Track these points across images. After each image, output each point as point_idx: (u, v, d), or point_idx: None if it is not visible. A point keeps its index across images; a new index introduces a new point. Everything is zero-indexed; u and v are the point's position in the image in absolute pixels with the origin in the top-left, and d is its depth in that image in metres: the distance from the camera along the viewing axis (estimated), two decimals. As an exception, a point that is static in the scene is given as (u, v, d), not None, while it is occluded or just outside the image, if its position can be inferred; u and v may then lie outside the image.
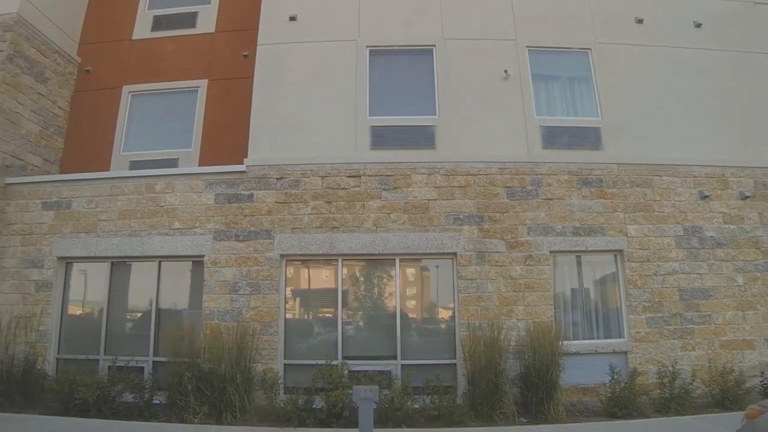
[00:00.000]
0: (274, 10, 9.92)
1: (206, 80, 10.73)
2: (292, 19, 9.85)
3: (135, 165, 10.17)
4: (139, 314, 8.81)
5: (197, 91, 10.69)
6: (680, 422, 6.22)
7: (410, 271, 8.82)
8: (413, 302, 8.73)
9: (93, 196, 9.12)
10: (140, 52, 11.23)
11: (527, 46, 9.78)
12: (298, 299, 8.72)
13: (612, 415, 7.17)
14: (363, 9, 9.83)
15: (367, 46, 9.68)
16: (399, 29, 9.73)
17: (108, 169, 10.21)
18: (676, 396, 7.28)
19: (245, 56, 10.43)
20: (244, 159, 8.93)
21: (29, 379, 7.94)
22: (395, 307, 8.37)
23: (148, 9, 11.55)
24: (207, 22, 11.22)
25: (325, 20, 9.82)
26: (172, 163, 10.04)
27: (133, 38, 11.38)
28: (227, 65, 10.75)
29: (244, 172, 8.85)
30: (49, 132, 10.50)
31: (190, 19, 11.27)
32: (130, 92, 10.91)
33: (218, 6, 11.33)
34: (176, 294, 8.86)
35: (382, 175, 8.72)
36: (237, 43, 10.79)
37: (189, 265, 8.86)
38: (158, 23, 11.36)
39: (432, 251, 8.46)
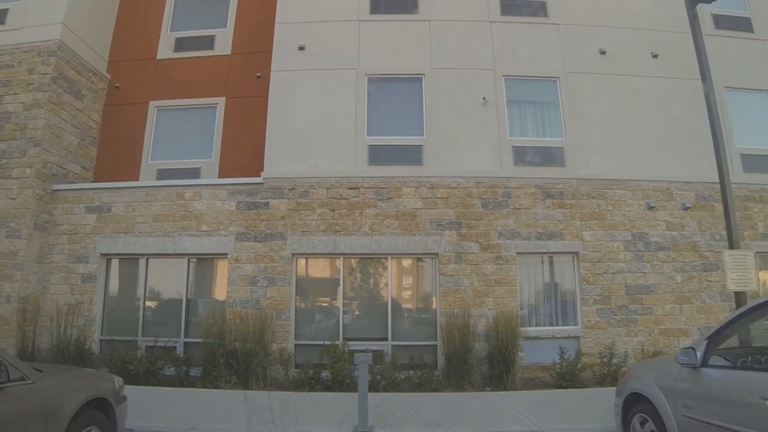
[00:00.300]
0: (285, 40, 11.64)
1: (224, 98, 12.47)
2: (301, 48, 11.53)
3: (162, 173, 11.96)
4: (171, 303, 10.66)
5: (216, 107, 12.44)
6: (608, 390, 8.05)
7: (400, 268, 10.69)
8: (402, 294, 10.61)
9: (130, 201, 10.93)
10: (164, 70, 12.94)
11: (504, 75, 11.58)
12: (306, 290, 10.57)
13: (559, 386, 9.08)
14: (363, 41, 11.56)
15: (366, 75, 11.43)
16: (393, 59, 11.48)
17: (138, 176, 12.01)
18: (612, 372, 9.17)
19: (258, 77, 12.16)
20: (261, 172, 10.73)
21: (82, 355, 9.79)
22: (387, 297, 10.24)
23: (170, 31, 13.26)
24: (224, 44, 12.93)
25: (330, 50, 11.52)
26: (195, 172, 11.83)
27: (158, 57, 13.08)
28: (242, 84, 12.47)
29: (261, 183, 10.66)
30: (85, 143, 12.26)
31: (208, 42, 12.99)
32: (156, 107, 12.65)
33: (233, 30, 13.04)
34: (203, 286, 10.76)
35: (377, 188, 10.54)
36: (251, 65, 12.47)
37: (214, 261, 10.72)
38: (180, 44, 13.07)
39: (418, 252, 10.34)
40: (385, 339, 10.08)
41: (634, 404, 5.23)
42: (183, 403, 7.54)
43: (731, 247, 7.68)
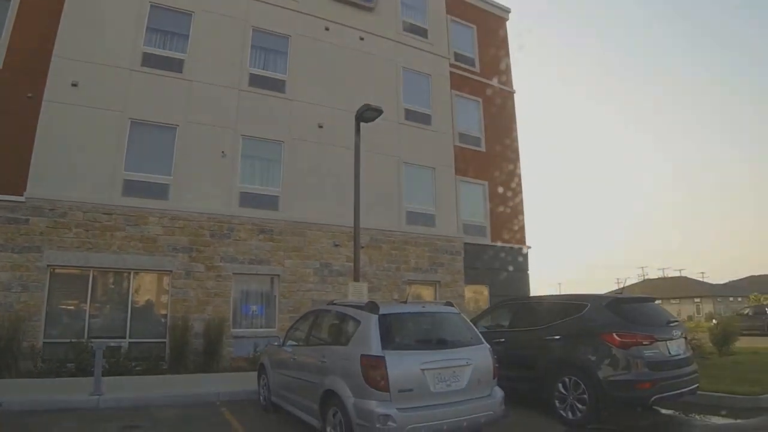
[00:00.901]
0: (60, 73, 13.39)
1: (-9, 116, 14.20)
2: (74, 85, 13.56)
3: None
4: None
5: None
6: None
7: (141, 281, 13.94)
8: (141, 301, 13.88)
9: None
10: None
11: (242, 135, 15.62)
12: (58, 297, 13.17)
13: (252, 370, 13.28)
14: (131, 89, 14.13)
15: (130, 119, 14.27)
16: (155, 109, 14.53)
17: None
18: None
19: (30, 97, 13.30)
20: (24, 192, 13.05)
21: None
22: (128, 304, 13.43)
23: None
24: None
25: (101, 91, 13.69)
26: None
27: None
28: (11, 102, 13.26)
29: (23, 201, 12.98)
30: None
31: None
32: None
33: (7, 44, 13.63)
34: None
35: (127, 215, 13.61)
36: (23, 83, 13.28)
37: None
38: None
39: (156, 268, 13.76)
40: (124, 337, 13.26)
41: (262, 371, 9.53)
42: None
43: (355, 280, 12.57)
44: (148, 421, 8.06)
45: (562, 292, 12.00)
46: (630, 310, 8.26)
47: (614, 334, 7.60)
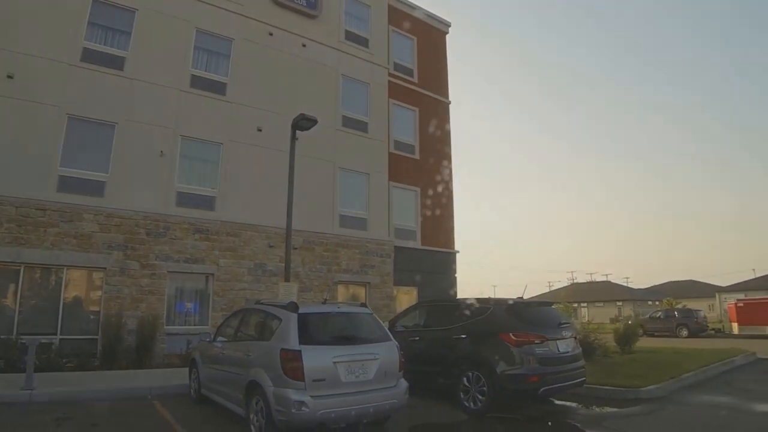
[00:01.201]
0: None
1: None
2: (10, 77, 13.52)
3: None
4: None
5: None
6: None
7: (75, 277, 14.14)
8: (74, 298, 14.05)
9: None
10: None
11: (181, 135, 16.02)
12: (-14, 290, 13.29)
13: (185, 366, 13.77)
14: (70, 84, 14.32)
15: (67, 114, 14.27)
16: (94, 106, 14.70)
17: None
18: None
19: None
20: (-48, 186, 13.09)
21: None
22: (60, 300, 13.59)
23: None
24: None
25: (38, 86, 13.78)
26: None
27: None
28: None
29: (-48, 195, 13.02)
30: None
31: None
32: None
33: None
34: None
35: (62, 211, 13.80)
36: None
37: None
38: None
39: (91, 265, 14.01)
40: (56, 334, 13.39)
41: (193, 365, 10.12)
42: None
43: (286, 280, 13.26)
44: (81, 414, 8.51)
45: (497, 296, 12.83)
46: (527, 313, 9.44)
47: (511, 334, 8.70)
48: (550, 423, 8.60)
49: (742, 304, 31.32)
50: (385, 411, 7.09)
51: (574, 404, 9.75)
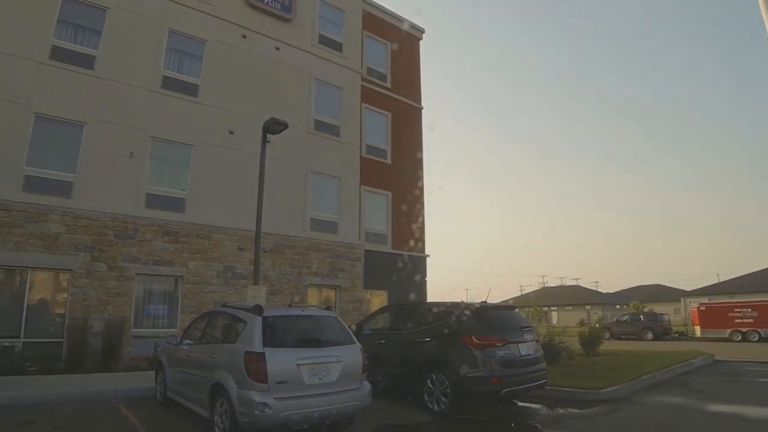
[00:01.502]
0: None
1: None
2: None
3: None
4: None
5: None
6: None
7: (39, 279, 13.97)
8: (38, 300, 13.84)
9: None
10: None
11: (152, 136, 15.94)
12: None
13: (152, 369, 13.72)
14: (38, 83, 14.38)
15: (35, 113, 13.98)
16: (61, 105, 14.54)
17: None
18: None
19: None
20: None
21: None
22: (24, 302, 13.39)
23: None
24: None
25: (3, 84, 13.72)
26: None
27: None
28: None
29: None
30: None
31: None
32: None
33: None
34: None
35: (28, 212, 13.61)
36: None
37: None
38: None
39: (56, 267, 13.84)
40: (19, 337, 13.19)
41: (159, 368, 10.13)
42: None
43: (255, 283, 13.32)
44: (45, 417, 8.48)
45: (468, 299, 12.89)
46: (490, 317, 9.69)
47: (473, 337, 8.94)
48: (512, 424, 8.84)
49: (704, 308, 32.31)
50: (348, 413, 7.25)
51: (536, 405, 10.05)
